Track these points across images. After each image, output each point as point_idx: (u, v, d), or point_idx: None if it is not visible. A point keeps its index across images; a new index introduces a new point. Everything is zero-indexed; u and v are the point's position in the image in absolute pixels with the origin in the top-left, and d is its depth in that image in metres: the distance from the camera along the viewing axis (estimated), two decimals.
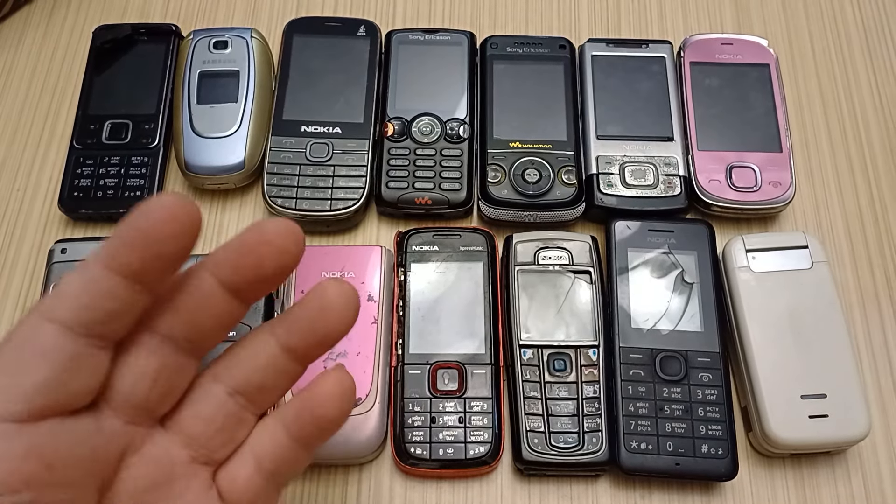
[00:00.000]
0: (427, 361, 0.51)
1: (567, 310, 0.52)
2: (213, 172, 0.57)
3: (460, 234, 0.55)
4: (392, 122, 0.59)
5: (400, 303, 0.53)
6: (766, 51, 0.62)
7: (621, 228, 0.55)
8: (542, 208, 0.56)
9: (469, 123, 0.59)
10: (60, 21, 0.68)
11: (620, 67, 0.61)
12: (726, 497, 0.50)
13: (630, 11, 0.69)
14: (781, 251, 0.53)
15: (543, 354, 0.51)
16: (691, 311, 0.52)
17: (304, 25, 0.63)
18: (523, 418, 0.49)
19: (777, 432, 0.48)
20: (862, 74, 0.66)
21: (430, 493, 0.51)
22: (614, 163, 0.58)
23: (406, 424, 0.49)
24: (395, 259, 0.55)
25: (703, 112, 0.60)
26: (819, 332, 0.51)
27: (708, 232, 0.55)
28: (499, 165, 0.57)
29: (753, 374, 0.50)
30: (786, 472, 0.51)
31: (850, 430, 0.48)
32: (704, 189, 0.57)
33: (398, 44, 0.62)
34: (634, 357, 0.51)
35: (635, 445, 0.49)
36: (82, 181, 0.58)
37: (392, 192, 0.57)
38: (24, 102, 0.64)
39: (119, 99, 0.60)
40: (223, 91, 0.59)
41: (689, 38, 0.63)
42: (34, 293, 0.56)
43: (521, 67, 0.61)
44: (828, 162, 0.62)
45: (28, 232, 0.59)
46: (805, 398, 0.49)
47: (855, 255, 0.58)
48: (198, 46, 0.61)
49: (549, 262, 0.54)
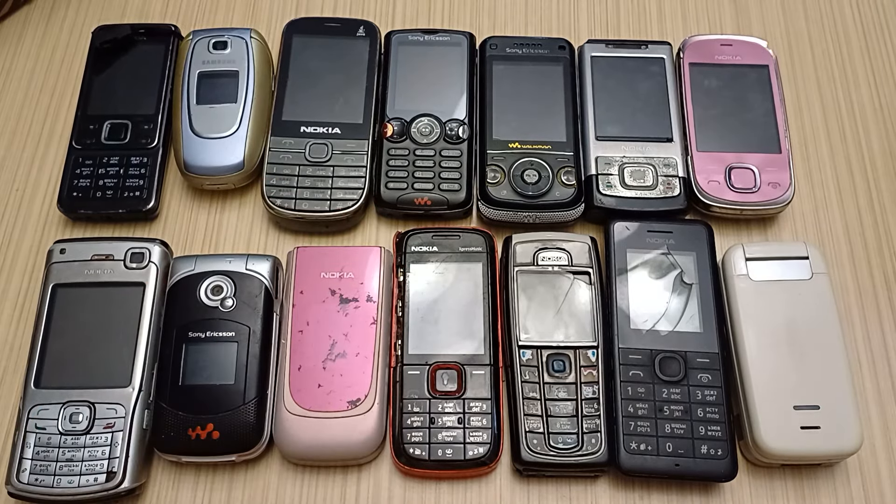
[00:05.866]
0: (426, 362, 0.51)
1: (566, 310, 0.52)
2: (213, 173, 0.57)
3: (459, 235, 0.55)
4: (391, 123, 0.59)
5: (399, 303, 0.53)
6: (765, 52, 0.62)
7: (620, 229, 0.55)
8: (542, 209, 0.56)
9: (468, 124, 0.59)
10: (60, 21, 0.68)
11: (620, 68, 0.61)
12: (725, 498, 0.50)
13: (629, 12, 0.69)
14: (781, 261, 0.53)
15: (542, 355, 0.51)
16: (690, 312, 0.52)
17: (303, 26, 0.63)
18: (522, 419, 0.49)
19: (767, 442, 0.48)
20: (861, 75, 0.66)
21: (429, 493, 0.51)
22: (613, 164, 0.58)
23: (405, 425, 0.49)
24: (395, 260, 0.55)
25: (702, 113, 0.60)
26: (815, 344, 0.50)
27: (707, 233, 0.55)
28: (498, 166, 0.57)
29: (747, 383, 0.50)
30: (785, 474, 0.51)
31: (842, 442, 0.48)
32: (703, 190, 0.57)
33: (398, 44, 0.62)
34: (633, 358, 0.51)
35: (634, 446, 0.49)
36: (81, 181, 0.58)
37: (391, 192, 0.57)
38: (24, 102, 0.64)
39: (118, 99, 0.60)
40: (222, 91, 0.59)
41: (689, 39, 0.63)
42: (33, 293, 0.56)
43: (520, 68, 0.61)
44: (827, 163, 0.62)
45: (27, 232, 0.59)
46: (798, 409, 0.49)
47: (854, 255, 0.58)
48: (197, 47, 0.61)
49: (549, 263, 0.54)
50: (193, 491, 0.51)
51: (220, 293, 0.52)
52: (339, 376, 0.50)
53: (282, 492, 0.51)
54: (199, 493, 0.51)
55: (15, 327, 0.56)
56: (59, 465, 0.47)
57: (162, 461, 0.51)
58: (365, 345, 0.51)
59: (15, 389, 0.53)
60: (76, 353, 0.50)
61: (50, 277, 0.52)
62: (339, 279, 0.53)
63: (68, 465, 0.47)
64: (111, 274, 0.52)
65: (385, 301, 0.53)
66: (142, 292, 0.52)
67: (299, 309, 0.52)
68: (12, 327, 0.56)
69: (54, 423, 0.48)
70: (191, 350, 0.50)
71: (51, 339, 0.51)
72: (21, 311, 0.56)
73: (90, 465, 0.48)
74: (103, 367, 0.50)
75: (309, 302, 0.52)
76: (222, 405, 0.49)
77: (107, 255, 0.53)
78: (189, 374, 0.49)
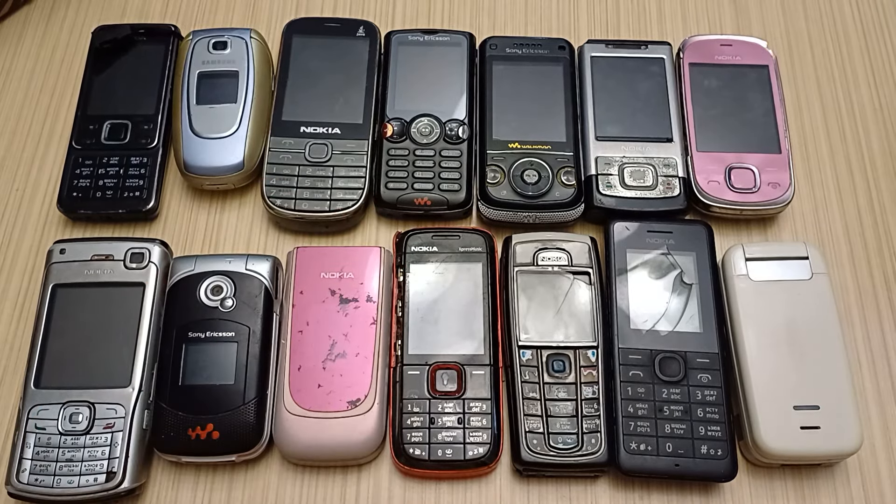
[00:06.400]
0: (426, 362, 0.51)
1: (566, 311, 0.52)
2: (212, 173, 0.57)
3: (459, 235, 0.55)
4: (391, 123, 0.59)
5: (399, 304, 0.52)
6: (765, 52, 0.62)
7: (620, 229, 0.55)
8: (542, 209, 0.56)
9: (468, 124, 0.59)
10: (60, 21, 0.68)
11: (620, 68, 0.61)
12: (725, 498, 0.50)
13: (629, 13, 0.69)
14: (781, 261, 0.53)
15: (542, 355, 0.51)
16: (690, 312, 0.52)
17: (303, 26, 0.63)
18: (522, 419, 0.49)
19: (767, 442, 0.48)
20: (861, 75, 0.66)
21: (429, 493, 0.51)
22: (613, 164, 0.58)
23: (405, 425, 0.49)
24: (395, 260, 0.55)
25: (702, 113, 0.60)
26: (815, 344, 0.50)
27: (707, 233, 0.55)
28: (498, 166, 0.57)
29: (747, 383, 0.50)
30: (785, 474, 0.51)
31: (842, 443, 0.48)
32: (703, 190, 0.57)
33: (397, 44, 0.62)
34: (633, 358, 0.51)
35: (634, 446, 0.49)
36: (81, 181, 0.58)
37: (391, 192, 0.57)
38: (24, 102, 0.64)
39: (118, 99, 0.60)
40: (222, 91, 0.59)
41: (689, 39, 0.63)
42: (33, 293, 0.56)
43: (520, 68, 0.61)
44: (826, 163, 0.62)
45: (27, 232, 0.59)
46: (798, 409, 0.49)
47: (853, 255, 0.58)
48: (197, 47, 0.61)
49: (548, 263, 0.54)
50: (193, 491, 0.51)
51: (220, 293, 0.52)
52: (339, 376, 0.50)
53: (282, 492, 0.51)
54: (198, 493, 0.51)
55: (15, 327, 0.56)
56: (58, 465, 0.47)
57: (162, 461, 0.51)
58: (365, 345, 0.51)
59: (15, 389, 0.53)
60: (76, 353, 0.50)
61: (50, 277, 0.52)
62: (338, 279, 0.53)
63: (68, 465, 0.47)
64: (111, 274, 0.52)
65: (385, 301, 0.53)
66: (142, 292, 0.52)
67: (299, 309, 0.52)
68: (12, 327, 0.56)
69: (54, 424, 0.48)
70: (191, 350, 0.50)
71: (51, 339, 0.51)
72: (21, 312, 0.56)
73: (90, 465, 0.48)
74: (103, 368, 0.50)
75: (309, 302, 0.52)
76: (222, 405, 0.49)
77: (107, 256, 0.53)
78: (189, 375, 0.49)
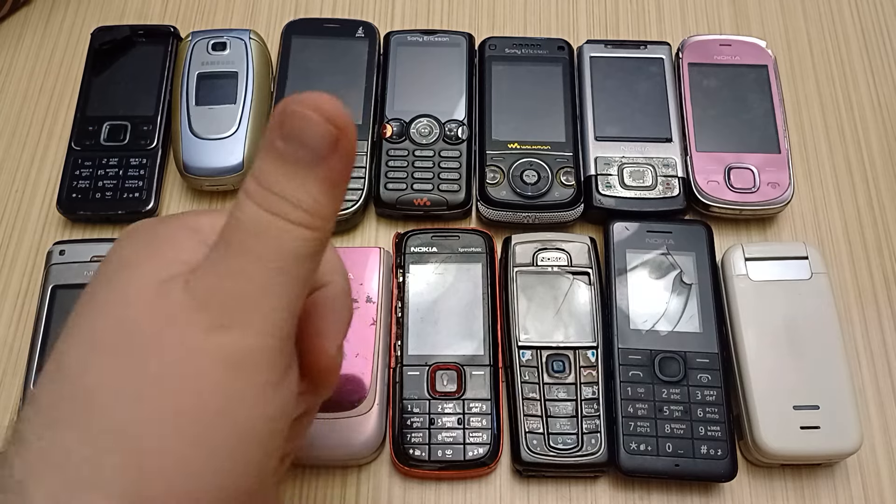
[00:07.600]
0: (426, 363, 0.51)
1: (566, 311, 0.52)
2: (212, 174, 0.57)
3: (459, 236, 0.55)
4: (391, 124, 0.59)
5: (399, 304, 0.52)
6: (764, 52, 0.62)
7: (620, 229, 0.55)
8: (541, 209, 0.56)
9: (468, 125, 0.59)
10: (59, 22, 0.68)
11: (619, 68, 0.61)
12: (725, 498, 0.50)
13: (628, 12, 0.69)
14: (781, 261, 0.53)
15: (542, 355, 0.51)
16: (690, 312, 0.52)
17: (302, 27, 0.63)
18: (522, 419, 0.49)
19: (767, 442, 0.48)
20: (860, 75, 0.66)
21: (429, 494, 0.50)
22: (613, 164, 0.58)
23: (405, 426, 0.49)
24: (394, 260, 0.54)
25: (701, 113, 0.60)
26: (815, 344, 0.50)
27: (706, 233, 0.55)
28: (497, 166, 0.57)
29: (746, 382, 0.50)
30: (785, 474, 0.51)
31: (842, 442, 0.48)
32: (703, 190, 0.57)
33: (397, 45, 0.62)
34: (633, 358, 0.51)
35: (634, 447, 0.49)
36: (81, 182, 0.58)
37: (391, 193, 0.57)
38: (23, 104, 0.64)
39: (117, 100, 0.60)
40: (222, 92, 0.59)
41: (688, 39, 0.63)
42: (33, 295, 0.56)
43: (519, 69, 0.61)
44: (826, 163, 0.62)
45: (26, 233, 0.59)
46: (797, 409, 0.49)
47: (853, 256, 0.58)
48: (196, 48, 0.61)
49: (548, 264, 0.54)
50: None
51: None
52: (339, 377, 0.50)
53: (282, 492, 0.51)
54: None
55: (14, 328, 0.56)
56: None
57: None
58: (364, 345, 0.51)
59: (14, 390, 0.53)
60: None
61: (49, 279, 0.52)
62: None
63: None
64: None
65: (384, 302, 0.53)
66: None
67: None
68: (12, 328, 0.56)
69: None
70: None
71: (50, 340, 0.51)
72: (20, 313, 0.56)
73: None
74: None
75: None
76: None
77: None
78: None
